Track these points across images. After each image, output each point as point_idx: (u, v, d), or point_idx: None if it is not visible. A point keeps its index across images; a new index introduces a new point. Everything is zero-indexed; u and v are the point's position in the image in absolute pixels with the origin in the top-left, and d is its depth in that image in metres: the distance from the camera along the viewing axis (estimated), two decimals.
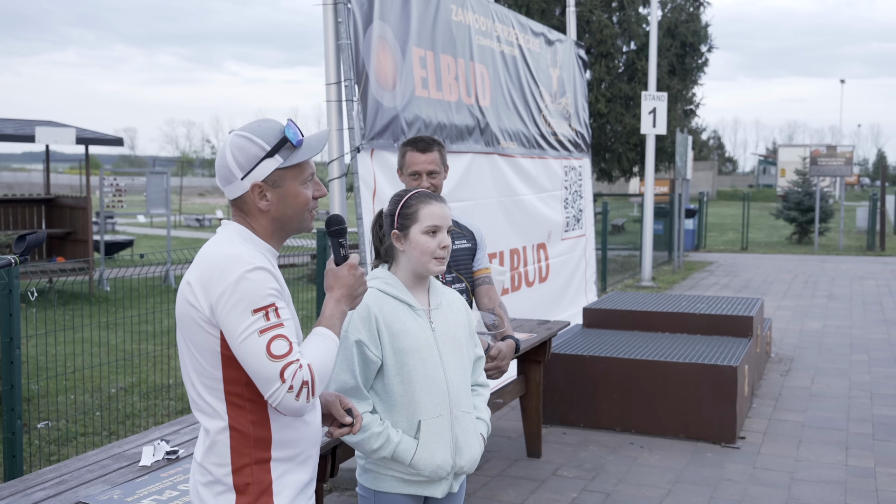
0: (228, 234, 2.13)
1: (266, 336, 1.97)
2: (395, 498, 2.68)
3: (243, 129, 2.13)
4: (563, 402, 6.41)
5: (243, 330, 1.97)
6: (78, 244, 13.62)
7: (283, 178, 2.12)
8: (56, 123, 14.56)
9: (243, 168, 2.10)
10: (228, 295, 1.98)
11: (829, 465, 5.57)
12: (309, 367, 2.00)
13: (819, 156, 22.19)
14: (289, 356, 1.98)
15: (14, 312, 4.28)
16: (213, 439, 2.08)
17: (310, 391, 2.00)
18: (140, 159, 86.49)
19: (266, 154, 2.09)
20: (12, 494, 2.84)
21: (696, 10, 19.35)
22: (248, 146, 2.10)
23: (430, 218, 2.70)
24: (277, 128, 2.12)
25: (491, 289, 4.02)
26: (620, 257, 17.51)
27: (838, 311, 11.78)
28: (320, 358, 2.06)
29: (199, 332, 2.04)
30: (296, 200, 2.14)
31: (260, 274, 2.01)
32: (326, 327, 2.15)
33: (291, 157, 2.11)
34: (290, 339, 2.00)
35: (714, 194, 53.43)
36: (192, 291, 2.04)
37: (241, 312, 1.97)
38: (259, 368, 1.98)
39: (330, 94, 5.15)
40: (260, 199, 2.11)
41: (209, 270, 2.03)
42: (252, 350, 1.97)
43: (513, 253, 7.39)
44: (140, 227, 31.12)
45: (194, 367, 2.09)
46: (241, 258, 2.02)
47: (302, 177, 2.15)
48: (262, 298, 1.99)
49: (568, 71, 8.99)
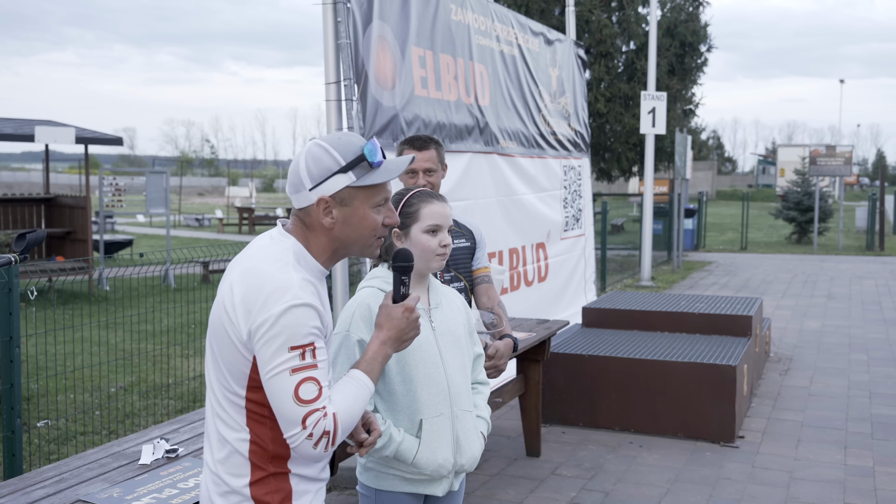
0: (283, 251, 2.00)
1: (297, 376, 1.89)
2: (397, 496, 2.69)
3: (324, 139, 2.03)
4: (562, 401, 6.42)
5: (276, 365, 1.89)
6: (77, 243, 13.62)
7: (353, 198, 2.01)
8: (55, 123, 14.56)
9: (314, 179, 1.99)
10: (269, 326, 1.89)
11: (827, 464, 5.58)
12: (334, 417, 1.92)
13: (818, 156, 22.20)
14: (315, 402, 1.90)
15: (14, 311, 4.29)
16: (231, 449, 2.01)
17: (330, 441, 1.93)
18: (140, 159, 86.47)
19: (339, 169, 1.98)
20: (12, 493, 2.84)
21: (695, 9, 19.36)
22: (323, 157, 1.99)
23: (431, 217, 2.72)
24: (358, 144, 2.01)
25: (490, 288, 4.02)
26: (620, 257, 17.52)
27: (837, 311, 11.79)
28: (349, 407, 1.97)
29: (232, 350, 1.96)
30: (362, 223, 2.03)
31: (305, 312, 1.91)
32: (365, 371, 2.05)
33: (366, 178, 2.00)
34: (320, 383, 1.92)
35: (713, 194, 53.45)
36: (233, 307, 1.94)
37: (277, 347, 1.89)
38: (283, 409, 1.91)
39: (329, 94, 5.15)
40: (325, 215, 2.00)
41: (255, 293, 1.92)
42: (280, 388, 1.90)
43: (512, 252, 7.40)
44: (139, 227, 31.11)
45: (218, 379, 2.01)
46: (290, 289, 1.91)
47: (373, 200, 2.03)
48: (302, 337, 1.90)
49: (567, 70, 9.00)
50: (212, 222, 32.69)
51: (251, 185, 44.93)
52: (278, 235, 2.04)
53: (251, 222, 28.51)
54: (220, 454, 2.03)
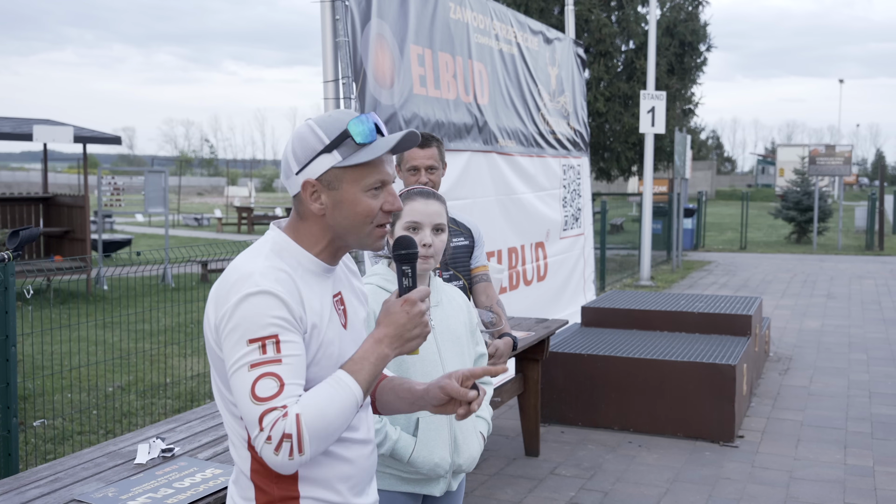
0: (262, 243, 1.86)
1: (255, 372, 1.69)
2: (393, 496, 2.67)
3: (314, 118, 1.85)
4: (561, 400, 6.40)
5: (236, 360, 1.71)
6: (76, 243, 13.60)
7: (341, 180, 1.81)
8: (54, 122, 14.54)
9: (300, 161, 1.82)
10: (227, 318, 1.73)
11: (827, 463, 5.56)
12: (297, 418, 1.67)
13: (818, 155, 22.18)
14: (273, 400, 1.67)
15: (9, 310, 4.26)
16: (238, 470, 1.87)
17: (294, 447, 1.67)
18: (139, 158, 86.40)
19: (324, 148, 1.80)
20: (6, 493, 2.82)
21: (694, 9, 19.35)
22: (308, 137, 1.81)
23: (409, 214, 2.72)
24: (346, 119, 1.81)
25: (489, 286, 4.01)
26: (619, 256, 17.50)
27: (837, 311, 11.77)
28: (319, 409, 1.70)
29: (214, 353, 1.82)
30: (353, 209, 1.82)
31: (264, 299, 1.71)
32: (349, 371, 1.79)
33: (352, 157, 1.80)
34: (283, 380, 1.69)
35: (713, 194, 53.45)
36: (208, 303, 1.82)
37: (236, 340, 1.72)
38: (243, 408, 1.71)
39: (328, 92, 5.13)
40: (313, 201, 1.82)
41: (221, 287, 1.78)
42: (239, 385, 1.71)
43: (511, 251, 7.37)
44: (138, 227, 31.08)
45: (217, 389, 1.86)
46: (250, 278, 1.74)
47: (364, 182, 1.81)
48: (261, 327, 1.70)
49: (566, 69, 8.98)
50: (211, 222, 32.67)
51: (250, 185, 44.92)
52: (268, 230, 1.91)
53: (250, 222, 28.49)
54: (232, 475, 1.92)
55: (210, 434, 3.49)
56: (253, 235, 26.14)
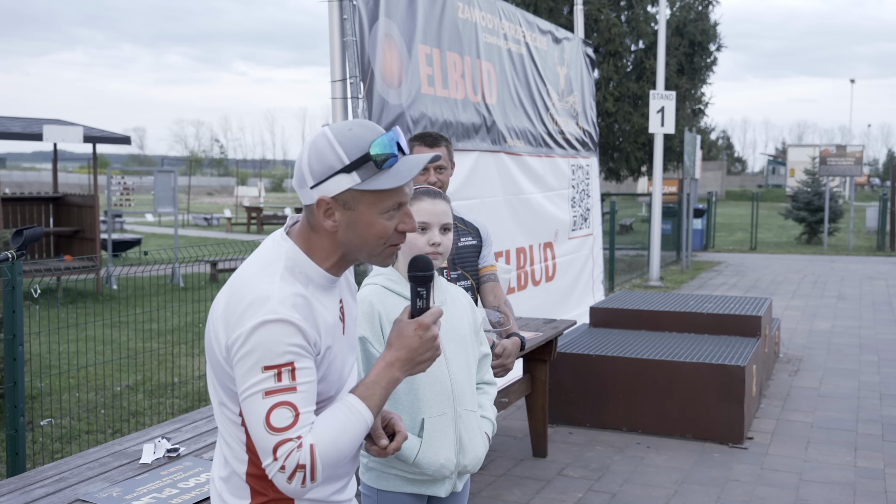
0: (275, 258, 1.81)
1: (270, 400, 1.69)
2: (399, 497, 2.65)
3: (333, 129, 1.79)
4: (569, 401, 6.38)
5: (249, 386, 1.70)
6: (85, 242, 13.65)
7: (358, 202, 1.77)
8: (64, 122, 14.59)
9: (315, 176, 1.77)
10: (242, 342, 1.71)
11: (837, 466, 5.52)
12: (311, 449, 1.69)
13: (829, 155, 22.09)
14: (288, 431, 1.69)
15: (17, 309, 4.27)
16: (231, 470, 1.87)
17: (307, 476, 1.70)
18: (149, 158, 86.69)
19: (342, 168, 1.75)
20: (11, 492, 2.82)
21: (704, 8, 19.30)
22: (327, 153, 1.76)
23: (417, 214, 2.67)
24: (368, 139, 1.76)
25: (496, 286, 3.99)
26: (628, 257, 17.46)
27: (847, 312, 11.71)
28: (332, 438, 1.73)
29: (220, 366, 1.80)
30: (368, 231, 1.79)
31: (282, 328, 1.69)
32: (362, 397, 1.79)
33: (371, 181, 1.76)
34: (297, 409, 1.70)
35: (723, 194, 53.30)
36: (216, 318, 1.79)
37: (251, 366, 1.70)
38: (256, 435, 1.72)
39: (335, 92, 5.12)
40: (326, 217, 1.79)
41: (234, 306, 1.75)
42: (252, 411, 1.71)
43: (519, 252, 7.36)
44: (148, 226, 31.18)
45: (216, 394, 1.86)
46: (267, 302, 1.71)
47: (382, 205, 1.78)
48: (277, 356, 1.69)
49: (575, 69, 8.95)
50: (220, 222, 32.74)
51: (260, 185, 45.02)
52: (279, 238, 1.86)
53: (259, 222, 28.56)
54: (223, 472, 1.91)
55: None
56: (262, 235, 26.18)
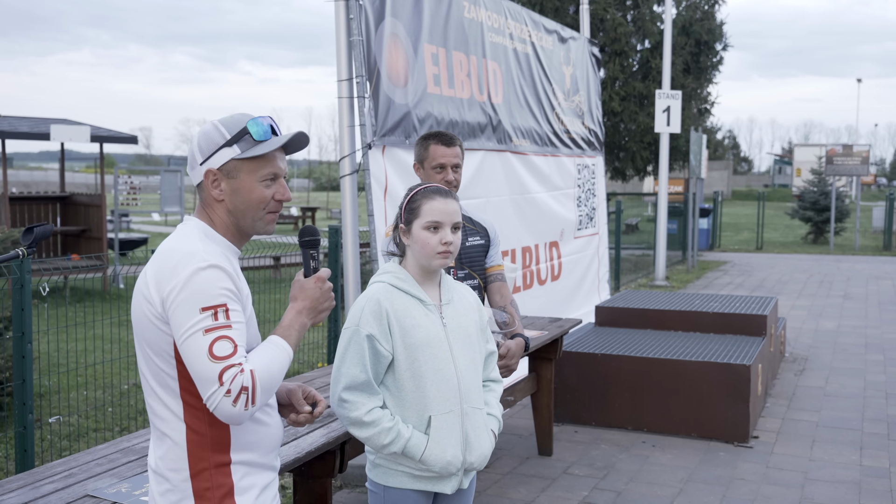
0: (188, 230, 2.09)
1: (210, 336, 1.91)
2: (405, 493, 2.67)
3: (218, 118, 2.12)
4: (574, 400, 6.39)
5: (189, 327, 1.92)
6: (92, 241, 13.69)
7: (239, 170, 2.08)
8: (71, 122, 14.63)
9: (203, 153, 2.09)
10: (178, 290, 1.93)
11: (843, 465, 5.53)
12: (251, 373, 1.93)
13: (835, 155, 22.04)
14: (231, 358, 1.91)
15: (26, 307, 4.30)
16: (171, 443, 2.03)
17: (249, 398, 1.92)
18: (156, 158, 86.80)
19: (225, 143, 2.07)
20: (21, 487, 2.84)
21: (710, 7, 19.28)
22: (212, 133, 2.08)
23: (430, 213, 2.67)
24: (245, 119, 2.10)
25: (503, 286, 4.00)
26: (634, 256, 17.45)
27: (854, 311, 11.70)
28: (266, 365, 1.98)
29: (153, 330, 1.99)
30: (249, 195, 2.08)
31: (213, 272, 1.96)
32: (282, 336, 2.08)
33: (250, 150, 2.07)
34: (235, 342, 1.94)
35: (729, 194, 53.23)
36: (146, 285, 2.00)
37: (188, 309, 1.92)
38: (199, 368, 1.92)
39: (341, 91, 5.14)
40: (214, 188, 2.08)
41: (163, 266, 1.98)
42: (194, 348, 1.92)
43: (525, 251, 7.37)
44: (155, 226, 31.24)
45: (149, 369, 2.04)
46: (196, 255, 1.97)
47: (260, 172, 2.09)
48: (212, 297, 1.94)
49: (581, 69, 8.96)
50: None
51: None
52: (185, 221, 2.14)
53: None
54: (160, 451, 2.06)
55: None
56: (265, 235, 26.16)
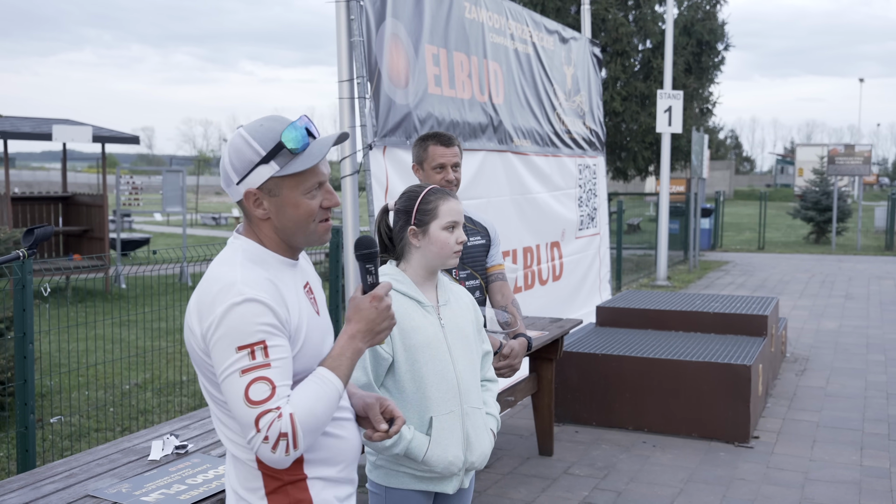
0: (232, 252, 1.95)
1: (247, 377, 1.79)
2: (407, 494, 2.68)
3: (246, 128, 1.94)
4: (575, 400, 6.39)
5: (225, 367, 1.81)
6: (94, 241, 13.70)
7: (280, 187, 1.91)
8: (73, 122, 14.65)
9: (238, 173, 1.91)
10: (215, 327, 1.82)
11: (843, 465, 5.53)
12: (291, 418, 1.80)
13: (837, 155, 22.03)
14: (267, 402, 1.79)
15: (27, 307, 4.31)
16: (241, 462, 1.95)
17: (290, 444, 1.80)
18: (158, 158, 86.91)
19: (261, 160, 1.89)
20: (22, 488, 2.85)
21: (712, 7, 19.28)
22: (244, 149, 1.90)
23: (449, 214, 2.74)
24: (279, 129, 1.90)
25: (504, 285, 4.01)
26: (636, 256, 17.44)
27: (855, 311, 11.70)
28: (308, 407, 1.84)
29: (202, 362, 1.90)
30: (296, 212, 1.93)
31: (249, 307, 1.81)
32: (330, 368, 1.92)
33: (289, 166, 1.89)
34: (274, 383, 1.81)
35: (731, 194, 53.19)
36: (190, 315, 1.90)
37: (224, 348, 1.81)
38: (237, 412, 1.82)
39: (342, 92, 5.15)
40: (256, 208, 1.93)
41: (203, 298, 1.86)
42: (231, 390, 1.81)
43: (526, 251, 7.37)
44: (156, 226, 31.27)
45: (209, 395, 1.94)
46: (233, 287, 1.82)
47: (303, 186, 1.92)
48: (248, 335, 1.80)
49: (582, 69, 8.96)
50: (228, 221, 32.82)
51: None
52: (232, 239, 1.99)
53: None
54: (233, 470, 1.98)
55: None
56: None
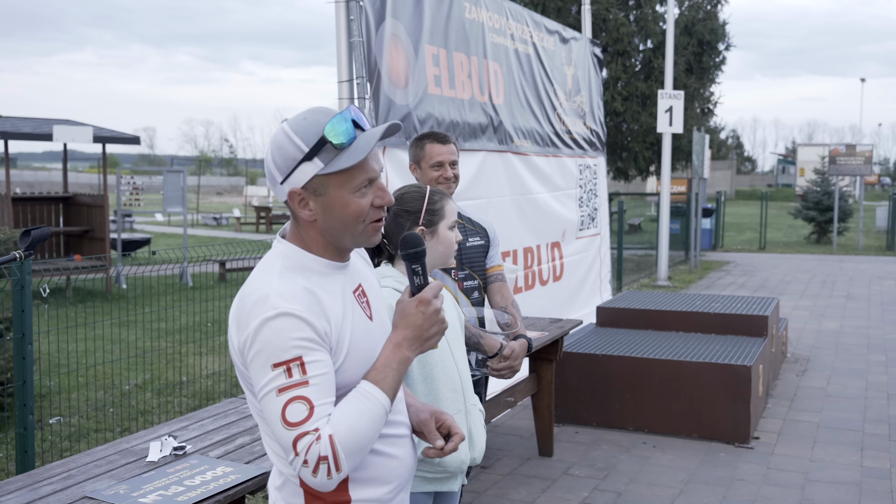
0: (273, 258, 1.82)
1: (283, 397, 1.68)
2: (416, 497, 2.66)
3: (289, 122, 1.79)
4: (575, 400, 6.39)
5: (262, 386, 1.71)
6: (95, 242, 13.71)
7: (326, 186, 1.77)
8: (74, 122, 14.65)
9: (282, 171, 1.78)
10: (250, 344, 1.71)
11: (844, 465, 5.52)
12: (330, 440, 1.67)
13: (838, 155, 22.01)
14: (304, 424, 1.67)
15: (26, 308, 4.31)
16: (285, 478, 1.86)
17: (331, 467, 1.68)
18: (159, 158, 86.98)
19: (304, 157, 1.75)
20: (20, 489, 2.85)
21: (713, 7, 19.27)
22: (286, 145, 1.77)
23: (452, 214, 2.79)
24: (322, 122, 1.75)
25: (504, 286, 4.00)
26: (637, 256, 17.44)
27: (856, 312, 11.68)
28: (350, 427, 1.70)
29: (242, 372, 1.81)
30: (344, 211, 1.78)
31: (284, 322, 1.68)
32: (374, 381, 1.77)
33: (334, 162, 1.75)
34: (312, 402, 1.68)
35: (732, 194, 53.16)
36: (230, 326, 1.79)
37: (260, 366, 1.70)
38: (276, 433, 1.71)
39: (342, 92, 5.14)
40: (302, 208, 1.79)
41: (241, 311, 1.75)
42: (269, 410, 1.71)
43: (526, 251, 7.37)
44: (157, 226, 31.27)
45: (254, 408, 1.84)
46: (266, 301, 1.71)
47: (352, 184, 1.77)
48: (284, 351, 1.68)
49: (583, 69, 8.96)
50: (229, 221, 32.83)
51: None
52: (276, 242, 1.88)
53: (268, 221, 28.64)
54: (277, 481, 1.89)
55: (222, 432, 3.50)
56: (271, 235, 26.24)
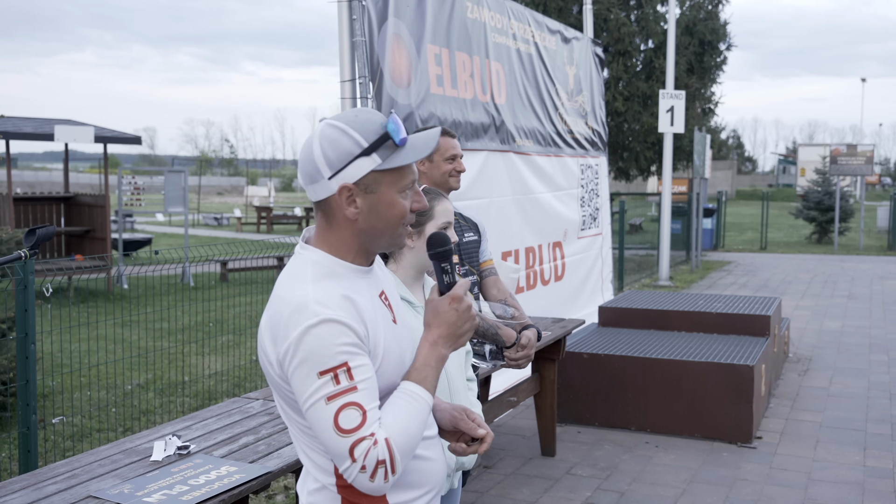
0: (300, 266, 1.80)
1: (334, 404, 1.66)
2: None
3: (338, 119, 1.79)
4: (577, 400, 6.38)
5: (309, 395, 1.68)
6: (96, 242, 13.71)
7: (379, 183, 1.77)
8: (75, 122, 14.65)
9: (332, 166, 1.76)
10: (292, 353, 1.69)
11: (846, 465, 5.52)
12: (387, 443, 1.68)
13: (839, 155, 22.01)
14: (360, 430, 1.67)
15: (29, 308, 4.31)
16: (321, 484, 1.84)
17: (388, 470, 1.69)
18: (160, 158, 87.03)
19: (362, 152, 1.75)
20: (24, 488, 2.85)
21: (714, 7, 19.26)
22: (342, 140, 1.75)
23: (443, 215, 2.76)
24: (379, 121, 1.77)
25: (498, 280, 4.00)
26: (638, 256, 17.43)
27: (858, 311, 11.68)
28: (403, 428, 1.72)
29: (279, 387, 1.78)
30: (390, 211, 1.79)
31: (327, 328, 1.67)
32: (416, 381, 1.79)
33: (392, 159, 1.76)
34: (364, 407, 1.68)
35: (733, 194, 53.14)
36: (262, 337, 1.77)
37: (305, 375, 1.68)
38: (327, 442, 1.70)
39: (344, 92, 5.14)
40: (348, 205, 1.77)
41: (276, 320, 1.73)
42: (319, 420, 1.69)
43: (528, 251, 7.37)
44: (159, 226, 31.28)
45: (287, 417, 1.83)
46: (306, 308, 1.69)
47: (401, 184, 1.79)
48: (329, 358, 1.67)
49: (584, 69, 8.95)
50: (230, 221, 32.83)
51: (270, 185, 45.13)
52: (299, 249, 1.85)
53: (269, 221, 28.64)
54: (311, 486, 1.86)
55: (225, 432, 3.50)
56: (272, 235, 26.25)
